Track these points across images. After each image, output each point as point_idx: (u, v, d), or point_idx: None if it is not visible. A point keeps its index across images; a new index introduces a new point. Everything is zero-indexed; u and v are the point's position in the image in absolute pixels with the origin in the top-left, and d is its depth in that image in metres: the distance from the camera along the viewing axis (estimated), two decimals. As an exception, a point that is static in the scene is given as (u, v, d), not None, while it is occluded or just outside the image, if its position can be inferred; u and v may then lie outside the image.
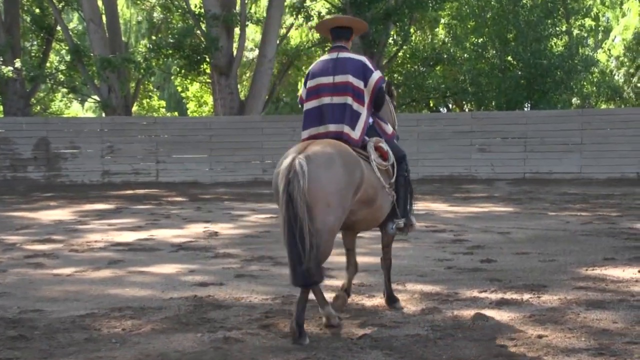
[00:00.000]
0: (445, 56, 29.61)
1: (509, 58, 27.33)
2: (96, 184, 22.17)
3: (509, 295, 6.05)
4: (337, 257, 8.22)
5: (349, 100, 5.36)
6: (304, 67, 31.72)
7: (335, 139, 5.22)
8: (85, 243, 9.71)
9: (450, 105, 35.90)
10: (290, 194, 4.67)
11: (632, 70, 35.69)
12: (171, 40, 24.51)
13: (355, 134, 5.36)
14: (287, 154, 4.92)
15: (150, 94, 38.25)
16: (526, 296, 6.00)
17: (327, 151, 4.91)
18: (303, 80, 5.73)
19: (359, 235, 6.18)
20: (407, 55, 30.25)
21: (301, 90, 5.64)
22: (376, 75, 5.48)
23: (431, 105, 34.16)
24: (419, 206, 14.28)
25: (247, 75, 34.47)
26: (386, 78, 5.49)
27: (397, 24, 26.70)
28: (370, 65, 5.49)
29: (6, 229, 11.39)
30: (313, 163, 4.78)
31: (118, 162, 22.74)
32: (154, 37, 27.12)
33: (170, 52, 24.60)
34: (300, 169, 4.69)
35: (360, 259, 8.06)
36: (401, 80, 30.12)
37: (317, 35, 30.36)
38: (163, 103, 40.97)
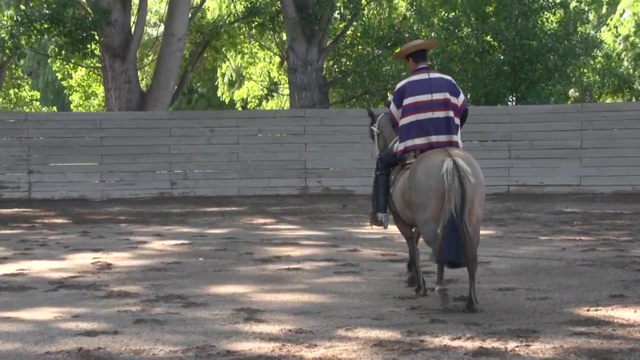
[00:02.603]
0: (407, 35, 29.87)
1: (489, 38, 27.78)
2: (-54, 202, 21.67)
3: (489, 343, 6.12)
4: (267, 295, 8.20)
5: (451, 114, 7.82)
6: (224, 48, 31.70)
7: (450, 146, 7.71)
8: None
9: (414, 99, 36.22)
10: (465, 188, 7.18)
11: (644, 54, 36.66)
12: (47, 11, 24.17)
13: (460, 143, 7.92)
14: (436, 158, 7.40)
15: (19, 82, 37.60)
16: (511, 344, 6.09)
17: (468, 155, 7.56)
18: (393, 98, 8.05)
19: (297, 267, 9.67)
20: (358, 34, 30.45)
21: (391, 106, 8.03)
22: (462, 96, 8.04)
23: (389, 98, 34.39)
24: (372, 229, 14.37)
25: (150, 58, 34.21)
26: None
27: (345, -7, 26.96)
28: (457, 86, 8.06)
29: None
30: (470, 165, 7.36)
31: (-24, 172, 22.30)
32: (22, 7, 26.68)
33: (46, 26, 24.25)
34: (467, 169, 7.25)
35: (298, 297, 8.09)
36: (350, 66, 30.33)
37: (240, 8, 30.39)
38: (37, 94, 40.37)
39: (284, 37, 29.62)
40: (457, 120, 7.90)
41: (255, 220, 16.79)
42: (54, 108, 46.23)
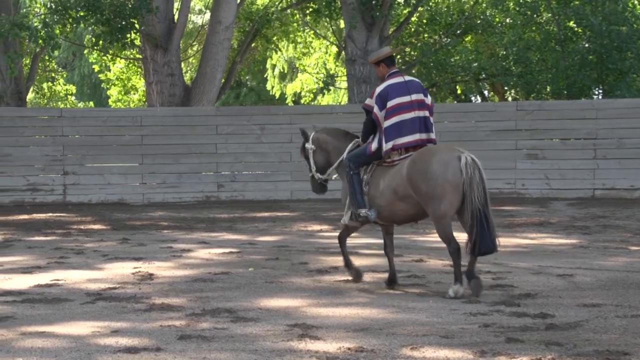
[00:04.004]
0: (478, 22, 29.73)
1: (571, 24, 27.49)
2: (-26, 206, 22.03)
3: (573, 365, 6.07)
4: (323, 310, 8.21)
5: (427, 113, 9.49)
6: (275, 37, 31.81)
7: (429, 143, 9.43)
8: (-41, 291, 9.64)
9: (486, 92, 35.99)
10: (484, 181, 8.73)
11: None
12: (83, -2, 24.47)
13: (436, 141, 9.60)
14: (450, 153, 8.91)
15: (53, 75, 38.12)
16: (598, 366, 6.03)
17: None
18: (374, 99, 9.49)
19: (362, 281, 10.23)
20: (424, 21, 30.34)
21: (375, 109, 9.46)
22: (430, 97, 9.71)
23: (459, 92, 34.21)
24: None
25: (195, 49, 34.48)
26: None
27: (410, -25, 26.88)
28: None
29: None
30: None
31: (7, 173, 22.60)
32: (58, -7, 27.08)
33: (82, 14, 24.56)
34: (480, 164, 8.83)
35: (358, 312, 8.09)
36: (415, 56, 30.25)
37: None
38: (72, 88, 40.88)
39: (342, 24, 29.60)
40: (432, 120, 9.56)
41: (310, 227, 16.81)
42: (91, 103, 46.87)
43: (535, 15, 28.12)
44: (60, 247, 13.85)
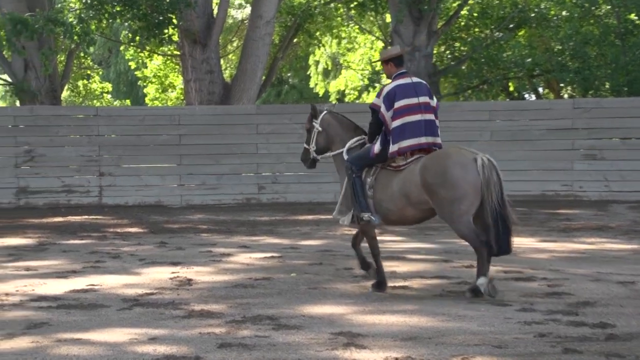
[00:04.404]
0: (532, 15, 29.56)
1: (632, 16, 27.26)
2: (7, 208, 22.23)
3: (635, 378, 6.01)
4: (369, 317, 8.19)
5: (433, 117, 9.74)
6: (318, 32, 31.84)
7: (435, 147, 9.65)
8: (-8, 296, 9.74)
9: (540, 89, 35.77)
10: (502, 182, 9.14)
11: None
12: (120, -8, 24.64)
13: (441, 145, 9.82)
14: (466, 155, 9.22)
15: (88, 72, 38.42)
16: (663, 380, 5.97)
17: None
18: (381, 99, 9.71)
19: (403, 285, 10.35)
20: (475, 15, 30.23)
21: (382, 109, 9.70)
22: (435, 99, 9.96)
23: (511, 89, 34.04)
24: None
25: (235, 44, 34.61)
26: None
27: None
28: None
29: None
30: None
31: (41, 174, 22.79)
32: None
33: (118, 9, 24.74)
34: (497, 165, 9.21)
35: (406, 320, 8.06)
36: (465, 51, 30.15)
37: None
38: (108, 86, 41.17)
39: (388, 18, 29.59)
40: (438, 122, 9.83)
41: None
42: (127, 102, 47.18)
43: (593, 8, 27.95)
44: (96, 250, 13.96)
